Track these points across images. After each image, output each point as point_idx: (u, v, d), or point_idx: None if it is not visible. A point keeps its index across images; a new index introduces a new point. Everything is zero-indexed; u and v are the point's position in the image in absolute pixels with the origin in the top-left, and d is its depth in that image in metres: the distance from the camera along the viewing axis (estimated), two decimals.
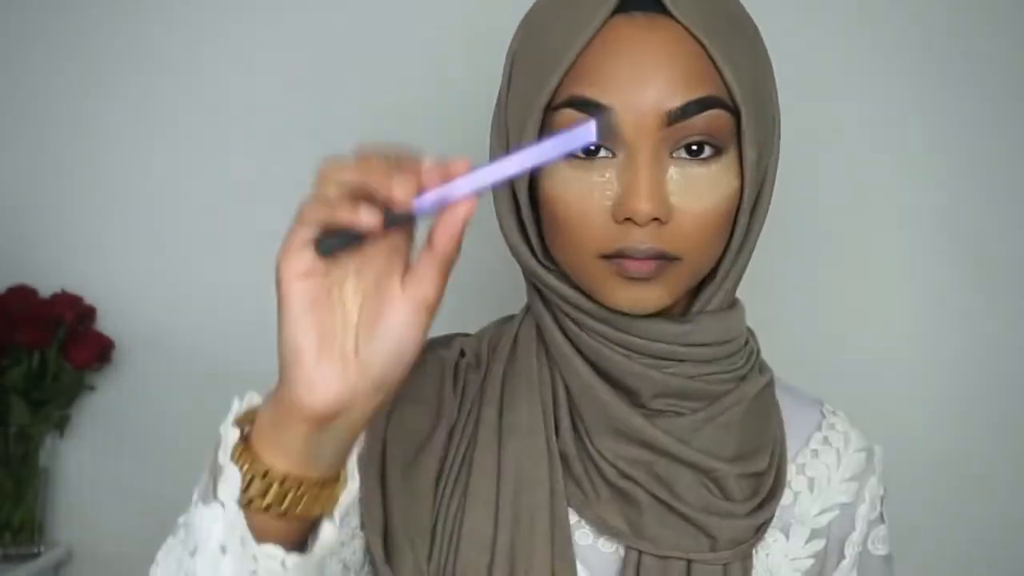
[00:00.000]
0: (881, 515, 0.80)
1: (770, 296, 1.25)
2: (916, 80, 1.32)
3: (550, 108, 0.67)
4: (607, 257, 0.66)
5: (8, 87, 1.38)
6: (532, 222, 0.72)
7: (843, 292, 1.33)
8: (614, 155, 0.65)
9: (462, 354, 0.79)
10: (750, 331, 0.78)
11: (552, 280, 0.72)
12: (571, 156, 0.65)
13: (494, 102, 0.75)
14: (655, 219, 0.64)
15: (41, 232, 1.38)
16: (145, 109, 1.37)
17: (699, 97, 0.64)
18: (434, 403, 0.75)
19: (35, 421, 1.32)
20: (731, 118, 0.66)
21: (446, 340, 0.80)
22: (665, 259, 0.66)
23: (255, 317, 1.38)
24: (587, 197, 0.66)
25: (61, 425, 1.37)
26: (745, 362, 0.75)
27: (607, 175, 0.65)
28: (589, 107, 0.64)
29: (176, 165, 1.37)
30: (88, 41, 1.37)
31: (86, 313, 1.35)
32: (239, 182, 1.36)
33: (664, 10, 0.65)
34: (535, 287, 0.75)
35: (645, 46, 0.64)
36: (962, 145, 1.32)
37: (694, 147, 0.65)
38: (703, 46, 0.65)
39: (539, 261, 0.73)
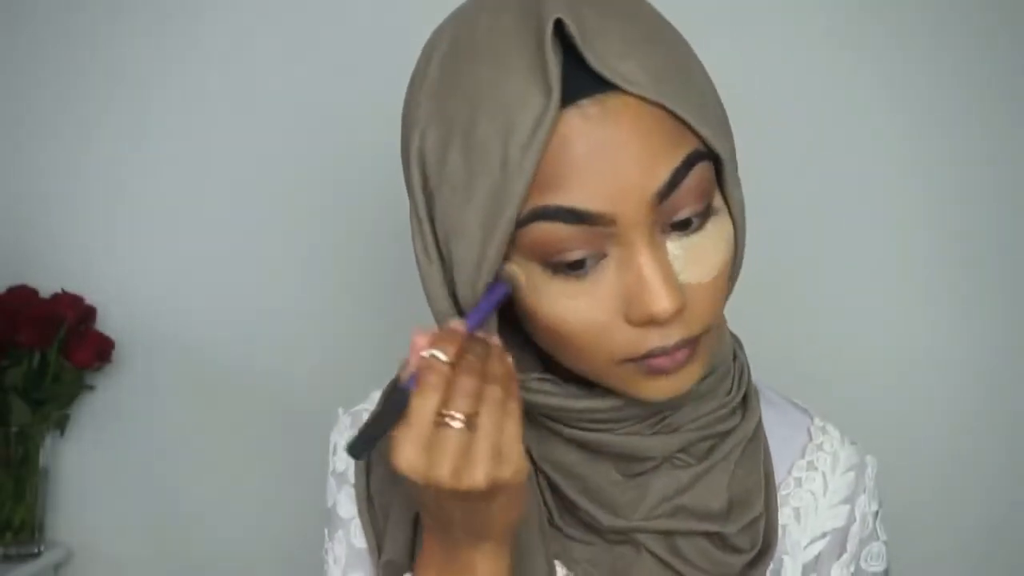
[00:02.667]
0: (875, 531, 0.76)
1: (764, 298, 1.25)
2: (914, 81, 1.32)
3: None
4: (632, 360, 0.60)
5: (8, 88, 1.39)
6: (511, 329, 0.65)
7: (837, 294, 1.33)
8: (605, 255, 0.58)
9: None
10: (736, 340, 0.74)
11: (533, 396, 0.66)
12: (557, 272, 0.58)
13: None
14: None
15: (41, 232, 1.38)
16: (146, 110, 1.37)
17: (682, 161, 0.57)
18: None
19: (35, 421, 1.32)
20: (711, 164, 0.60)
21: None
22: (695, 340, 0.61)
23: (255, 317, 1.39)
24: (592, 308, 0.59)
25: (61, 425, 1.37)
26: (738, 386, 0.71)
27: (605, 278, 0.59)
28: (564, 216, 0.56)
29: (176, 166, 1.37)
30: (88, 43, 1.37)
31: (86, 313, 1.35)
32: (239, 183, 1.37)
33: (610, 86, 0.56)
34: None
35: (607, 134, 0.56)
36: (956, 144, 1.32)
37: (682, 223, 0.59)
38: (664, 108, 0.57)
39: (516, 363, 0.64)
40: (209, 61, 1.37)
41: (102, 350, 1.34)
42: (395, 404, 0.57)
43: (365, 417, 0.73)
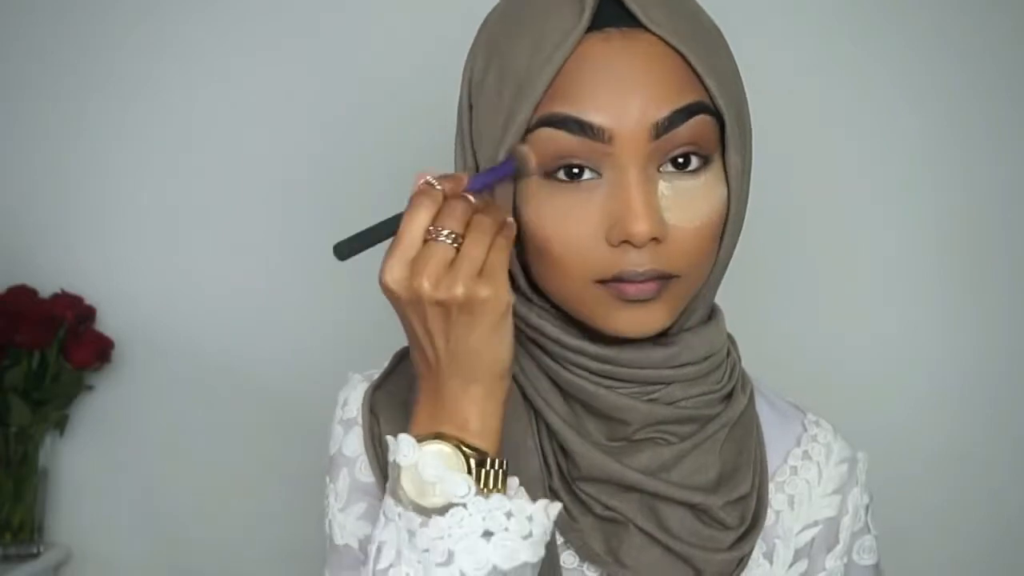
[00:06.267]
0: (867, 525, 0.78)
1: (762, 298, 1.26)
2: (910, 82, 1.32)
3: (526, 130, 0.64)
4: (603, 282, 0.64)
5: (8, 88, 1.39)
6: (513, 253, 0.68)
7: (834, 294, 1.33)
8: (600, 175, 0.63)
9: None
10: (731, 340, 0.76)
11: (534, 319, 0.69)
12: (553, 179, 0.63)
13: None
14: (653, 239, 0.62)
15: (41, 232, 1.39)
16: (145, 111, 1.37)
17: (685, 105, 0.62)
18: (401, 409, 0.73)
19: (35, 421, 1.32)
20: (715, 125, 0.64)
21: None
22: (664, 278, 0.64)
23: (254, 317, 1.39)
24: (577, 221, 0.63)
25: (61, 425, 1.37)
26: (728, 378, 0.73)
27: (595, 196, 0.63)
28: (569, 124, 0.62)
29: (176, 166, 1.37)
30: (88, 43, 1.37)
31: (86, 313, 1.35)
32: (239, 184, 1.37)
33: (637, 23, 0.63)
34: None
35: (623, 61, 0.62)
36: (954, 146, 1.32)
37: (680, 159, 0.63)
38: (682, 56, 0.63)
39: (521, 294, 0.69)
40: (207, 62, 1.37)
41: (102, 350, 1.34)
42: (388, 223, 0.59)
43: (375, 376, 0.76)
